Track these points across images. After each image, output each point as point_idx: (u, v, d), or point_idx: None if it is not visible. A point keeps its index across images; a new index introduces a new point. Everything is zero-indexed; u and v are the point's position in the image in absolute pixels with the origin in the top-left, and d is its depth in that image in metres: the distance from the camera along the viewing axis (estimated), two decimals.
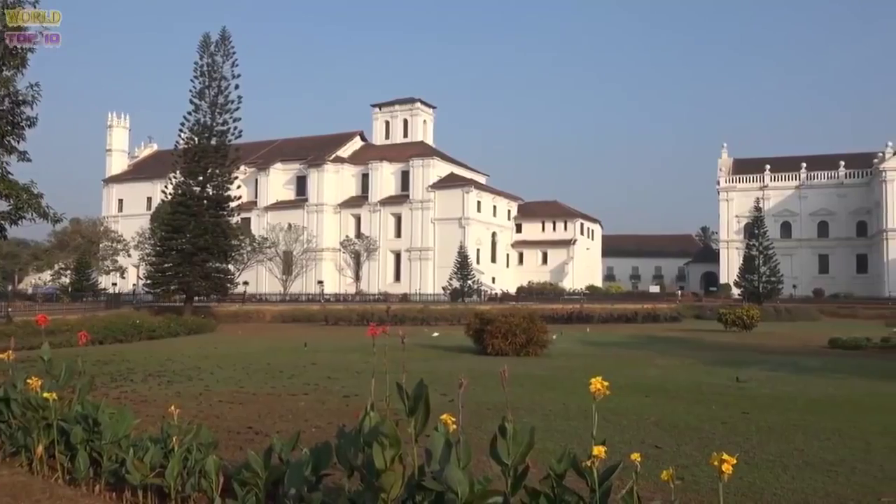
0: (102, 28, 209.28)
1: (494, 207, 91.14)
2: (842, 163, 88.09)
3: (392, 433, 3.99)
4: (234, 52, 49.70)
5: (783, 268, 68.82)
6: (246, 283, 68.01)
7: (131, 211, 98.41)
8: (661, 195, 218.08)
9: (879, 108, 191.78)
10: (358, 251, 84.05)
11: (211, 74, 49.32)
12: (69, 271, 77.07)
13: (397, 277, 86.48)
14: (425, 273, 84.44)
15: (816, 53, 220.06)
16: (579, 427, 8.99)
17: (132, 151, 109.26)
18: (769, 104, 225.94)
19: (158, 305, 52.77)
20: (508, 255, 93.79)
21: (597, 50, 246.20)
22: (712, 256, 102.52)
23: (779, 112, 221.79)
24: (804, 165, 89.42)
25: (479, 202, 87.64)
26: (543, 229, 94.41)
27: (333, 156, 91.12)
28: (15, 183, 22.54)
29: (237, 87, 50.04)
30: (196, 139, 49.44)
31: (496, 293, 76.62)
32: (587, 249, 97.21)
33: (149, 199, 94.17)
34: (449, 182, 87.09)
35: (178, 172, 49.90)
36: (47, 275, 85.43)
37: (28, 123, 23.26)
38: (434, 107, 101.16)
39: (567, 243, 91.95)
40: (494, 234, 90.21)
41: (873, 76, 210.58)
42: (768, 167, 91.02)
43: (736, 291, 70.30)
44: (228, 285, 51.45)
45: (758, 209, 69.62)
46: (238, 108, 50.24)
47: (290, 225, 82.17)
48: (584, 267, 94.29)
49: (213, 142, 49.60)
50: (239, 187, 60.94)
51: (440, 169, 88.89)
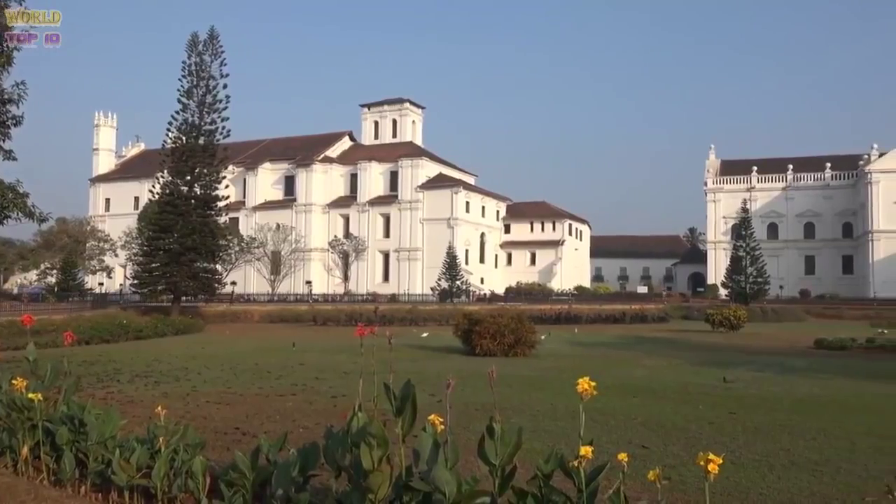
0: (89, 27, 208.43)
1: (483, 208, 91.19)
2: (828, 164, 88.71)
3: (380, 433, 3.99)
4: (223, 52, 49.70)
5: (770, 269, 69.16)
6: (234, 284, 67.81)
7: (118, 210, 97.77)
8: (650, 196, 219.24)
9: (879, 109, 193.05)
10: (346, 251, 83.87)
11: (199, 73, 49.21)
12: (55, 271, 76.66)
13: (386, 278, 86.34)
14: (414, 273, 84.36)
15: (816, 53, 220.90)
16: (567, 427, 9.02)
17: (119, 151, 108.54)
18: (760, 105, 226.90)
19: (146, 305, 52.53)
20: (497, 256, 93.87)
21: (587, 51, 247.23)
22: (700, 257, 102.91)
23: (770, 113, 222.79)
24: (791, 167, 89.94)
25: (468, 202, 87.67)
26: (532, 230, 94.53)
27: (322, 156, 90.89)
28: (0, 182, 22.36)
29: (225, 87, 50.05)
30: (184, 138, 49.26)
31: (485, 294, 76.63)
32: (575, 250, 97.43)
33: (136, 199, 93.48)
34: (438, 182, 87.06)
35: (166, 172, 49.71)
36: (33, 274, 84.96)
37: (14, 122, 23.04)
38: (423, 107, 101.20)
39: (555, 244, 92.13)
40: (483, 235, 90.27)
41: (873, 76, 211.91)
42: (755, 169, 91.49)
43: (723, 292, 70.61)
44: (216, 285, 51.30)
45: (745, 210, 69.92)
46: (226, 108, 50.25)
47: (279, 225, 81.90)
48: (573, 267, 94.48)
49: (201, 141, 49.44)
50: (227, 187, 60.69)
51: (429, 169, 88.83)
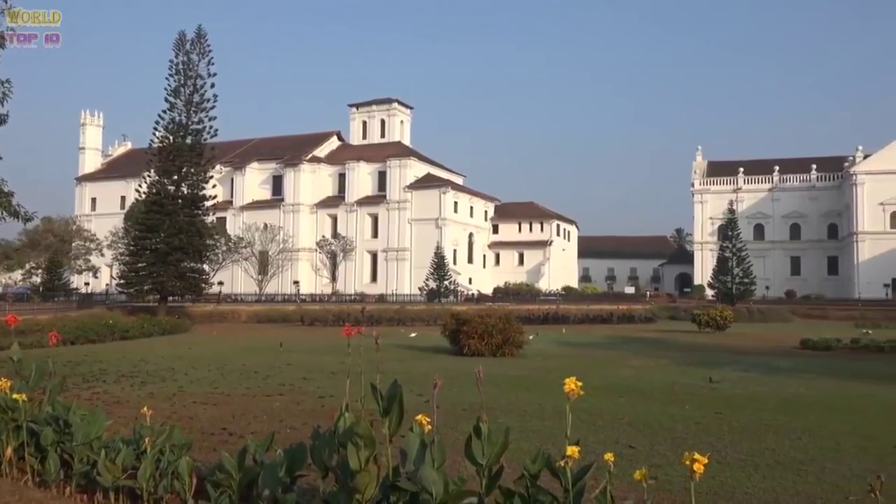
0: (76, 25, 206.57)
1: (471, 208, 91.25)
2: (814, 166, 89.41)
3: (367, 434, 3.99)
4: (210, 51, 49.33)
5: (756, 269, 69.59)
6: (221, 284, 67.46)
7: (105, 210, 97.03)
8: (637, 197, 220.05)
9: (879, 109, 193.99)
10: (334, 251, 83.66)
11: (186, 73, 48.91)
12: (40, 271, 76.05)
13: (374, 278, 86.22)
14: (402, 273, 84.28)
15: (815, 53, 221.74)
16: (554, 427, 9.04)
17: (106, 150, 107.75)
18: (752, 106, 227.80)
19: (132, 305, 52.16)
20: (485, 256, 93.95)
21: (576, 52, 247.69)
22: (687, 258, 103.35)
23: (761, 115, 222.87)
24: (777, 168, 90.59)
25: (456, 203, 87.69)
26: (520, 230, 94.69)
27: (310, 155, 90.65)
28: None
29: (213, 86, 49.67)
30: (171, 138, 48.91)
31: (473, 294, 76.66)
32: (563, 250, 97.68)
33: (122, 198, 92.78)
34: (426, 182, 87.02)
35: (153, 171, 49.35)
36: (18, 274, 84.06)
37: None
38: (411, 107, 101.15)
39: (543, 244, 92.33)
40: (471, 235, 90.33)
41: (873, 76, 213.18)
42: (742, 170, 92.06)
43: (710, 292, 71.01)
44: (203, 285, 50.98)
45: (731, 211, 70.28)
46: (214, 107, 49.89)
47: (266, 225, 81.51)
48: (561, 268, 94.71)
49: (189, 140, 49.12)
50: (214, 186, 60.33)
51: (417, 169, 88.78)
